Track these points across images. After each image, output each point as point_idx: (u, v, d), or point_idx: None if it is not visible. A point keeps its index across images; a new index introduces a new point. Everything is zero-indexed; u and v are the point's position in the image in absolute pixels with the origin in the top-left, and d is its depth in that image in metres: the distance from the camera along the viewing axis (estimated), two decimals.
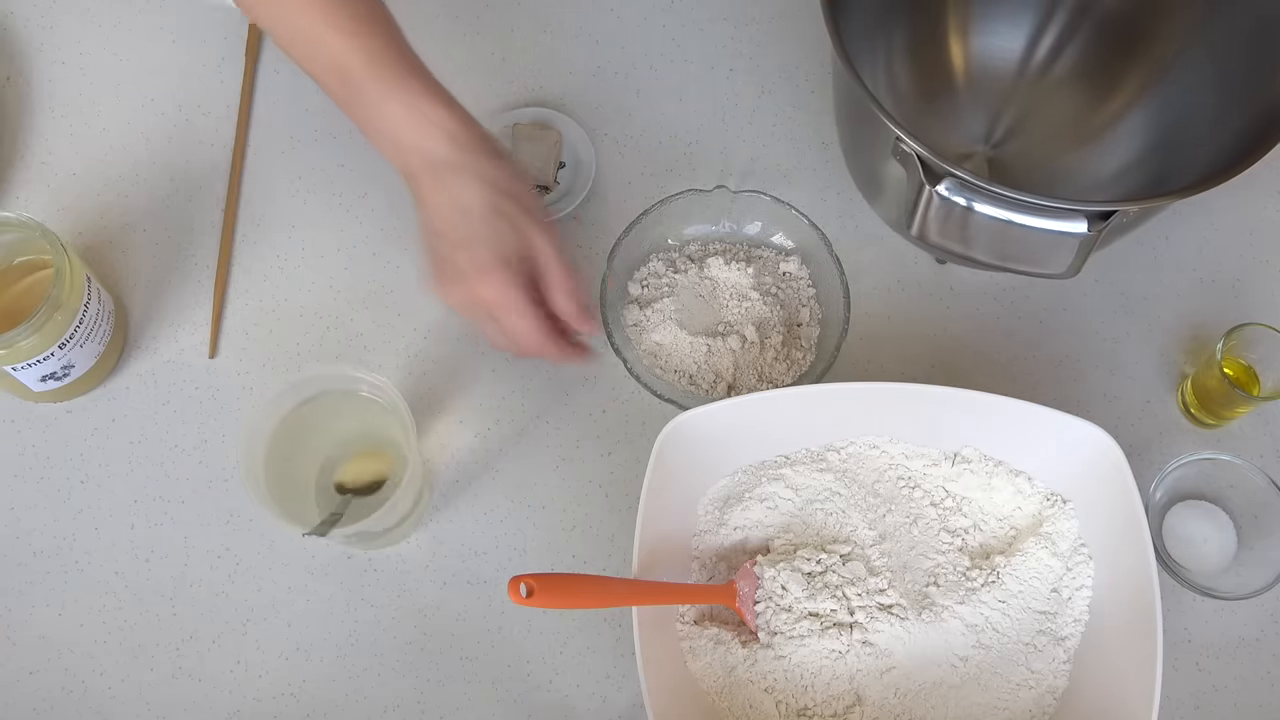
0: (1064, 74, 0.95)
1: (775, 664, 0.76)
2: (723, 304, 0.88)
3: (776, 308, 0.87)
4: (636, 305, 0.88)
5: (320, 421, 0.80)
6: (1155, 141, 0.89)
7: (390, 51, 0.76)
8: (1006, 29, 0.95)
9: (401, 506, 0.78)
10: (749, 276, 0.88)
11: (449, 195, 0.75)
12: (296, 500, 0.80)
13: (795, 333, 0.88)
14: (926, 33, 0.95)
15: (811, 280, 0.89)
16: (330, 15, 0.74)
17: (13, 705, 0.81)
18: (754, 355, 0.86)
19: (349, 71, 0.75)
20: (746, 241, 0.91)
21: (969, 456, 0.81)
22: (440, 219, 0.76)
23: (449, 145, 0.75)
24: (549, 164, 0.92)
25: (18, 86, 0.96)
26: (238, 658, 0.82)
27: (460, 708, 0.81)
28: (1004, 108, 0.96)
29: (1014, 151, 0.94)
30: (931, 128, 0.94)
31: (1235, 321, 0.85)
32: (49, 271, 0.79)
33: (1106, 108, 0.93)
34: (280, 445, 0.77)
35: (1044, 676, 0.77)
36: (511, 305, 0.76)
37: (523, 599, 0.69)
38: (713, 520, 0.81)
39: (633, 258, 0.89)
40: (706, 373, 0.86)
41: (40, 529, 0.84)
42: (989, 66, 0.96)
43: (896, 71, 0.94)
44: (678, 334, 0.86)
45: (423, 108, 0.75)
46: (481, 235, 0.75)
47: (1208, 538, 0.85)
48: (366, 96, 0.75)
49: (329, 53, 0.75)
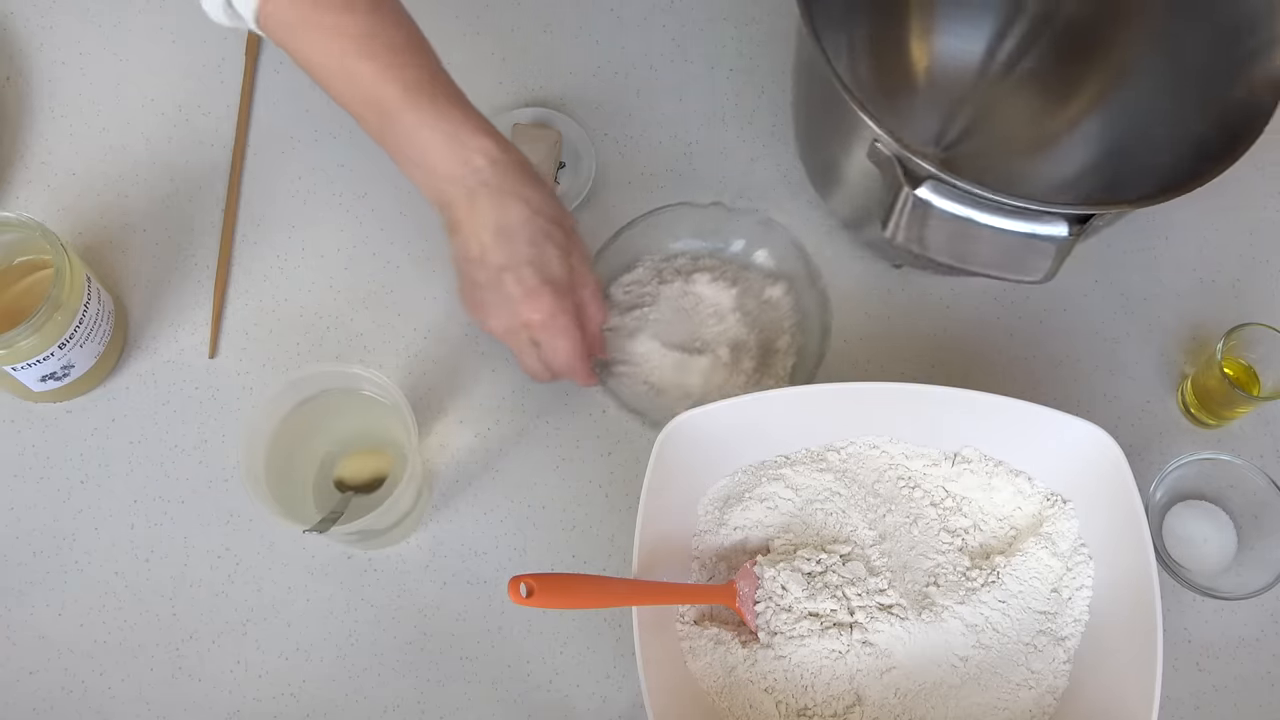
0: (1022, 78, 0.94)
1: (775, 664, 0.76)
2: (701, 321, 0.87)
3: (754, 332, 0.86)
4: (616, 310, 0.87)
5: (321, 420, 0.80)
6: (1111, 148, 0.89)
7: (425, 80, 0.75)
8: (968, 31, 0.94)
9: (402, 504, 0.78)
10: (732, 297, 0.87)
11: (489, 219, 0.75)
12: (296, 498, 0.80)
13: (769, 360, 0.86)
14: (890, 29, 0.95)
15: (794, 308, 0.88)
16: (364, 44, 0.73)
17: (13, 705, 0.81)
18: (724, 377, 0.85)
19: (383, 102, 0.74)
20: (736, 261, 0.90)
21: (969, 456, 0.81)
22: (478, 244, 0.75)
23: (490, 170, 0.75)
24: (549, 164, 0.92)
25: (18, 86, 0.96)
26: (238, 658, 0.82)
27: (460, 708, 0.81)
28: (959, 110, 0.95)
29: (966, 154, 0.93)
30: (888, 127, 0.93)
31: (1235, 321, 0.85)
32: (49, 271, 0.79)
33: (1063, 113, 0.92)
34: (280, 444, 0.77)
35: (1044, 676, 0.77)
36: (560, 328, 0.77)
37: (523, 599, 0.69)
38: (713, 520, 0.81)
39: (620, 262, 0.89)
40: (674, 387, 0.85)
41: (40, 529, 0.84)
42: (949, 67, 0.95)
43: (859, 66, 0.93)
44: (651, 345, 0.85)
45: (462, 136, 0.74)
46: (526, 257, 0.75)
47: (1208, 538, 0.85)
48: (401, 126, 0.74)
49: (362, 84, 0.74)
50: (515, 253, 0.75)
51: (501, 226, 0.75)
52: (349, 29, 0.73)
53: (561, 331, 0.77)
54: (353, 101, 0.75)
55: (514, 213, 0.75)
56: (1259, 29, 0.77)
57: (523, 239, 0.75)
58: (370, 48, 0.73)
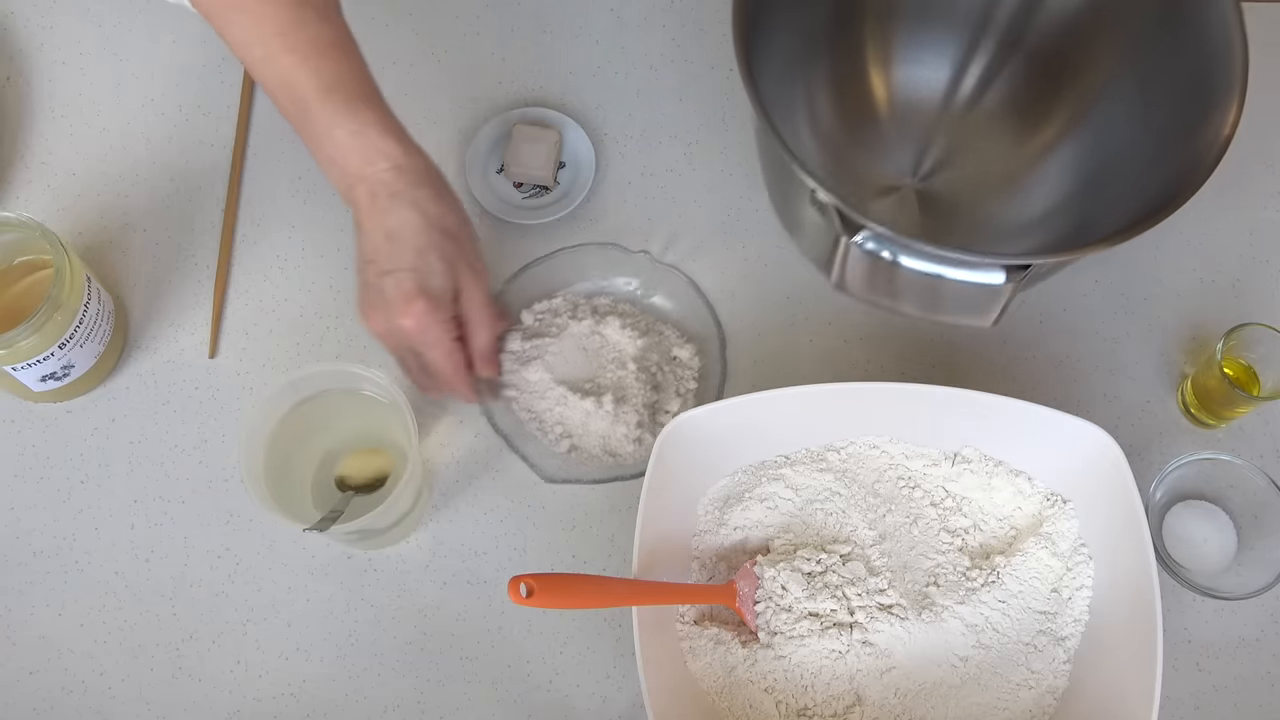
0: (994, 105, 0.93)
1: (775, 664, 0.76)
2: (601, 365, 0.85)
3: (648, 388, 0.85)
4: (522, 335, 0.86)
5: (320, 420, 0.80)
6: (1087, 177, 0.87)
7: (345, 77, 0.75)
8: (931, 59, 0.93)
9: (402, 504, 0.78)
10: (637, 348, 0.85)
11: (383, 223, 0.75)
12: (296, 498, 0.80)
13: (657, 418, 0.85)
14: (847, 65, 0.93)
15: (699, 373, 0.87)
16: (287, 37, 0.73)
17: (13, 705, 0.81)
18: (605, 425, 0.83)
19: (299, 94, 0.74)
20: (654, 313, 0.89)
21: (969, 456, 0.81)
22: (371, 246, 0.76)
23: (393, 175, 0.75)
24: (549, 164, 0.92)
25: (18, 86, 0.96)
26: (238, 658, 0.82)
27: (460, 708, 0.81)
28: (932, 139, 0.93)
29: (943, 183, 0.92)
30: (857, 160, 0.92)
31: (1235, 321, 0.85)
32: (49, 271, 0.79)
33: (1036, 139, 0.91)
34: (280, 443, 0.77)
35: (1044, 676, 0.77)
36: (432, 339, 0.77)
37: (523, 599, 0.69)
38: (713, 520, 0.81)
39: (540, 288, 0.88)
40: (555, 424, 0.84)
41: (40, 529, 0.84)
42: (914, 98, 0.93)
43: (818, 105, 0.92)
44: (542, 375, 0.84)
45: (370, 136, 0.74)
46: (408, 264, 0.75)
47: (1208, 538, 0.85)
48: (316, 121, 0.74)
49: (282, 74, 0.74)
50: (399, 259, 0.75)
51: (391, 231, 0.75)
52: (272, 18, 0.73)
53: (433, 343, 0.77)
54: (274, 90, 0.75)
55: (406, 219, 0.75)
56: (1222, 49, 0.76)
57: (410, 246, 0.75)
58: (293, 41, 0.73)
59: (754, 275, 0.91)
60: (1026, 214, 0.90)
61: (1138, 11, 0.83)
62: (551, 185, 0.92)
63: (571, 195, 0.92)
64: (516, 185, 0.93)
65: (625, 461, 0.84)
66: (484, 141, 0.93)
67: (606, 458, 0.84)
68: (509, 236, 0.91)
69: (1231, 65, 0.76)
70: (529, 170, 0.92)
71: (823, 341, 0.90)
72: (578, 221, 0.92)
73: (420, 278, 0.75)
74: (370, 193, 0.75)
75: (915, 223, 0.90)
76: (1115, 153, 0.85)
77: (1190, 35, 0.78)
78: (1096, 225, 0.81)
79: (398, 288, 0.75)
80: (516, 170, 0.92)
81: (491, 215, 0.92)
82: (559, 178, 0.93)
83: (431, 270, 0.76)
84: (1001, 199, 0.91)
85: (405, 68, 0.97)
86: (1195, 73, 0.78)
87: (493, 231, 0.92)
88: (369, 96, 0.75)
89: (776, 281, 0.91)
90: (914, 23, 0.92)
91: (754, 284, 0.91)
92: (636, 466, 0.82)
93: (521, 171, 0.92)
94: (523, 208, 0.92)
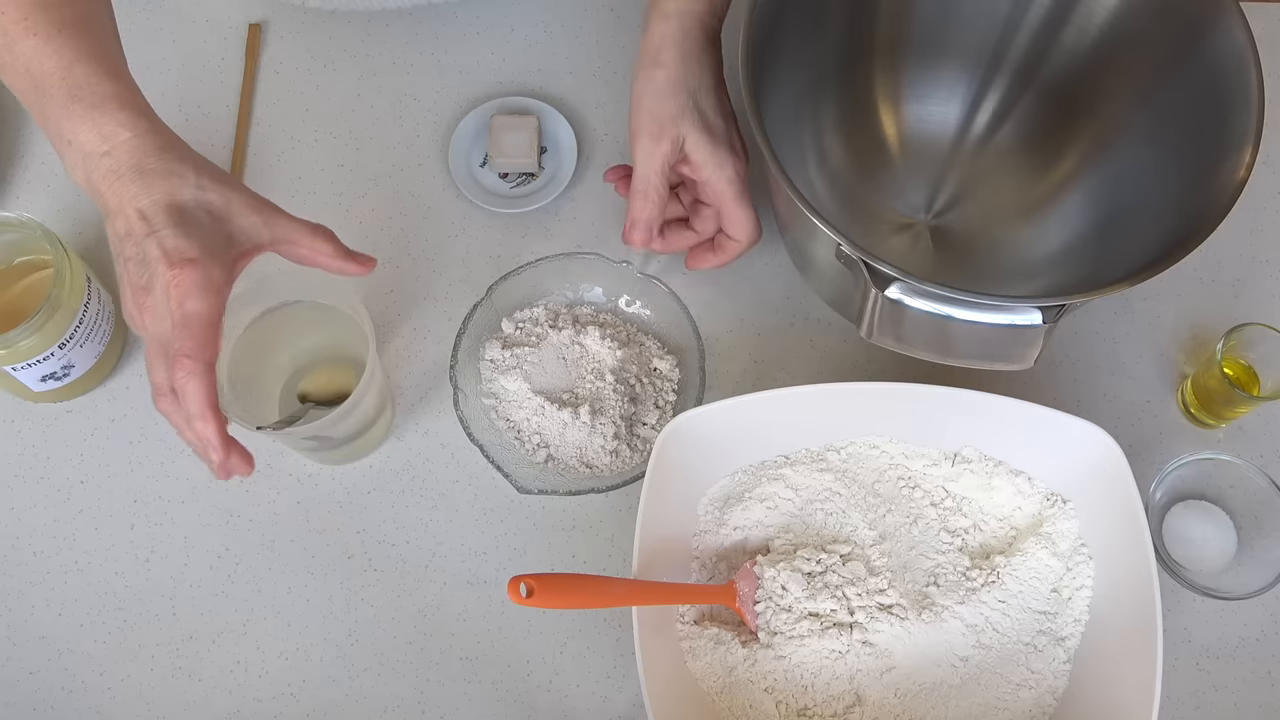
0: (1007, 142, 0.92)
1: (775, 664, 0.76)
2: (580, 375, 0.85)
3: (624, 401, 0.84)
4: (501, 344, 0.86)
5: (287, 334, 0.81)
6: (1105, 213, 0.87)
7: (86, 55, 0.69)
8: (943, 95, 0.92)
9: (363, 413, 0.78)
10: (617, 359, 0.85)
11: (134, 201, 0.68)
12: (263, 411, 0.81)
13: (635, 430, 0.85)
14: (857, 103, 0.92)
15: (678, 387, 0.87)
16: (29, 21, 0.68)
17: (13, 705, 0.81)
18: (581, 436, 0.83)
19: (38, 77, 0.69)
20: (635, 324, 0.88)
21: (969, 456, 0.81)
22: (125, 223, 0.68)
23: (134, 145, 0.68)
24: (532, 150, 0.91)
25: None
26: (238, 658, 0.82)
27: (460, 708, 0.81)
28: (945, 176, 0.92)
29: (956, 220, 0.91)
30: (870, 199, 0.91)
31: (1235, 321, 0.85)
32: (49, 271, 0.79)
33: (1052, 175, 0.90)
34: (246, 353, 0.78)
35: (1044, 676, 0.77)
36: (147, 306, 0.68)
37: (523, 599, 0.69)
38: (713, 520, 0.81)
39: (522, 296, 0.87)
40: (532, 434, 0.84)
41: (40, 529, 0.84)
42: (925, 134, 0.93)
43: (828, 144, 0.91)
44: (520, 385, 0.84)
45: (109, 109, 0.68)
46: (172, 224, 0.67)
47: (1208, 538, 0.85)
48: (53, 100, 0.69)
49: (21, 58, 0.69)
50: (160, 223, 0.67)
51: (143, 209, 0.67)
52: (15, 4, 0.69)
53: (148, 310, 0.68)
54: (16, 79, 0.70)
55: (160, 189, 0.68)
56: (1237, 86, 0.76)
57: (166, 213, 0.67)
58: (34, 24, 0.69)
59: (741, 285, 0.91)
60: (1043, 250, 0.89)
61: (1151, 46, 0.82)
62: (537, 171, 0.92)
63: (559, 178, 0.92)
64: (502, 176, 0.93)
65: (602, 473, 0.83)
66: (463, 138, 0.93)
67: (582, 469, 0.83)
68: (503, 228, 0.92)
69: (1246, 87, 0.75)
70: (513, 159, 0.91)
71: (823, 341, 0.90)
72: (562, 215, 0.92)
73: (131, 274, 0.68)
74: (113, 169, 0.68)
75: (930, 260, 0.89)
76: (1131, 187, 0.85)
77: (1204, 70, 0.78)
78: (1116, 260, 0.80)
79: (160, 245, 0.66)
80: (501, 161, 0.92)
81: (483, 209, 0.92)
82: (542, 162, 0.93)
83: (198, 225, 0.68)
84: (1017, 235, 0.90)
85: (405, 67, 0.97)
86: (1210, 105, 0.77)
87: (486, 226, 0.92)
88: (114, 73, 0.70)
89: (775, 282, 0.91)
90: (925, 59, 0.91)
91: (742, 293, 0.90)
92: (613, 479, 0.82)
93: (506, 161, 0.92)
94: (512, 197, 0.92)
